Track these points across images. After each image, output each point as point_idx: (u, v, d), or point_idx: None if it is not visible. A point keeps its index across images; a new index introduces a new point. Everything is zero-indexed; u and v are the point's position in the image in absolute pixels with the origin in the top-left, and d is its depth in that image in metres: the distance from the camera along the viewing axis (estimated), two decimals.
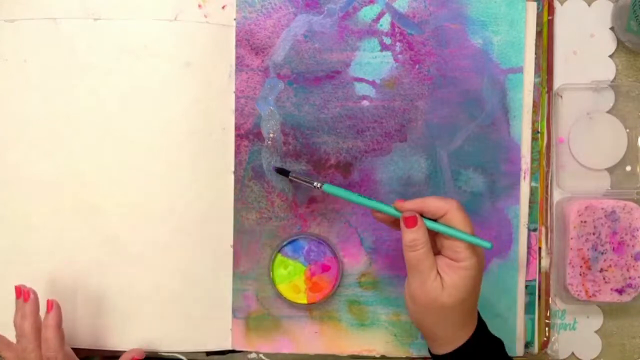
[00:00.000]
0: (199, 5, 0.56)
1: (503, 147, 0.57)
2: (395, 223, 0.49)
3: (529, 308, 0.58)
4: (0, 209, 0.58)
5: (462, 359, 0.47)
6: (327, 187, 0.52)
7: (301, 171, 0.58)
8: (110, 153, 0.57)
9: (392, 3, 0.57)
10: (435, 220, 0.47)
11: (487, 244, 0.46)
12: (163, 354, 0.58)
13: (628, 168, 0.58)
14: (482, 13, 0.57)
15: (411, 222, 0.46)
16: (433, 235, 0.47)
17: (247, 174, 0.58)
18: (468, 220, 0.47)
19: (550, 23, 0.58)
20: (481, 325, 0.48)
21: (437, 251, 0.47)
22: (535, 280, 0.58)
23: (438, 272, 0.46)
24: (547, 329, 0.58)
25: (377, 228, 0.58)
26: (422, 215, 0.47)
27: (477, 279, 0.46)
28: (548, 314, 0.58)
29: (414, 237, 0.46)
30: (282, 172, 0.56)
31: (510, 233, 0.58)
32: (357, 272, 0.58)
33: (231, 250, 0.58)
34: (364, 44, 0.57)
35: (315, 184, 0.53)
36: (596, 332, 0.59)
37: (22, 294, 0.52)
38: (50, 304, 0.52)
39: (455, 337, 0.47)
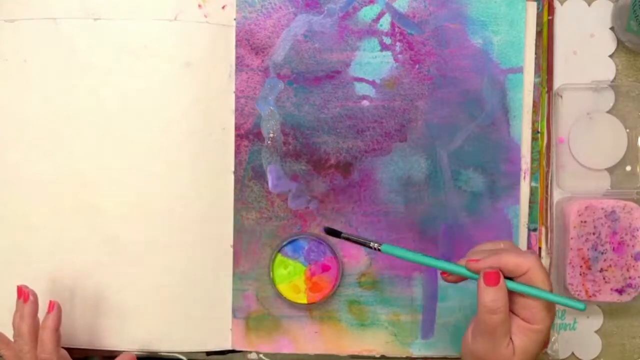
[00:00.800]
0: (199, 5, 0.56)
1: (503, 147, 0.57)
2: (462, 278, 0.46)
3: None
4: (0, 209, 0.58)
5: None
6: (386, 248, 0.47)
7: (301, 171, 0.58)
8: (110, 153, 0.57)
9: (392, 3, 0.57)
10: (511, 279, 0.44)
11: (580, 306, 0.43)
12: (163, 354, 0.58)
13: (628, 168, 0.58)
14: (482, 13, 0.57)
15: (493, 279, 0.43)
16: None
17: (247, 174, 0.58)
18: (549, 279, 0.43)
19: (550, 23, 0.58)
20: None
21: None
22: None
23: (510, 337, 0.43)
24: None
25: (377, 228, 0.58)
26: None
27: (545, 343, 0.44)
28: None
29: (495, 298, 0.42)
30: (334, 233, 0.51)
31: (510, 233, 0.58)
32: (357, 272, 0.58)
33: (231, 250, 0.58)
34: (364, 44, 0.57)
35: (372, 244, 0.48)
36: (596, 332, 0.59)
37: (23, 294, 0.52)
38: (52, 306, 0.52)
39: None
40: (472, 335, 0.45)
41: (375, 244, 0.48)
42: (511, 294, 0.43)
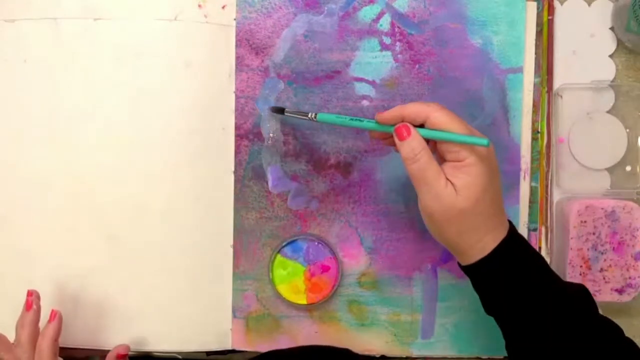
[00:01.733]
0: (199, 5, 0.56)
1: (503, 147, 0.57)
2: (392, 141, 0.47)
3: None
4: (0, 209, 0.58)
5: (490, 268, 0.45)
6: (321, 116, 0.52)
7: (301, 171, 0.58)
8: (110, 153, 0.57)
9: (392, 3, 0.57)
10: (420, 127, 0.45)
11: (483, 141, 0.44)
12: (163, 354, 0.58)
13: (628, 168, 0.58)
14: (482, 13, 0.57)
15: (403, 132, 0.45)
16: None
17: (247, 174, 0.58)
18: (456, 118, 0.45)
19: (550, 23, 0.58)
20: (513, 233, 0.46)
21: (438, 161, 0.45)
22: None
23: (447, 179, 0.44)
24: None
25: (377, 228, 0.58)
26: None
27: (487, 175, 0.44)
28: None
29: (411, 147, 0.44)
30: (278, 110, 0.56)
31: None
32: (356, 272, 0.58)
33: (231, 250, 0.58)
34: (364, 43, 0.57)
35: (309, 114, 0.53)
36: None
37: (26, 302, 0.52)
38: (53, 315, 0.52)
39: (481, 245, 0.45)
40: (418, 199, 0.46)
41: (313, 114, 0.52)
42: (433, 142, 0.46)
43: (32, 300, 0.52)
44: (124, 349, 0.55)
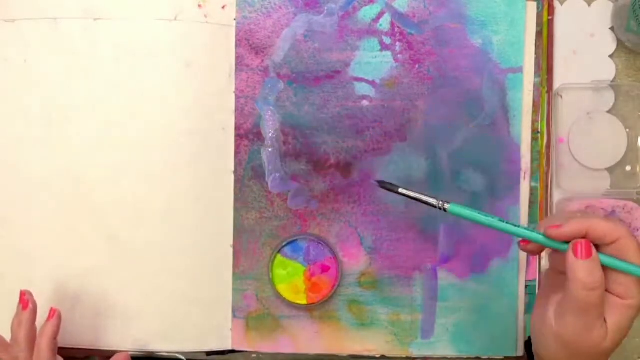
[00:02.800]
0: (199, 5, 0.56)
1: (503, 147, 0.57)
2: (540, 247, 0.41)
3: (529, 308, 0.58)
4: (0, 209, 0.58)
5: None
6: (454, 208, 0.42)
7: (301, 171, 0.58)
8: (110, 153, 0.57)
9: (391, 3, 0.57)
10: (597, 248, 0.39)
11: None
12: (163, 354, 0.58)
13: (628, 168, 0.58)
14: (482, 13, 0.57)
15: (586, 250, 0.38)
16: None
17: (247, 174, 0.58)
18: None
19: (550, 23, 0.58)
20: None
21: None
22: (535, 280, 0.58)
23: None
24: None
25: (377, 228, 0.58)
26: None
27: (635, 320, 0.39)
28: None
29: (591, 272, 0.37)
30: (389, 187, 0.46)
31: None
32: (357, 272, 0.58)
33: (231, 250, 0.58)
34: (364, 43, 0.57)
35: (437, 203, 0.42)
36: None
37: (23, 302, 0.52)
38: (53, 313, 0.52)
39: None
40: (558, 316, 0.40)
41: (440, 203, 0.43)
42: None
43: (28, 298, 0.52)
44: (125, 357, 0.55)
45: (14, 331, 0.52)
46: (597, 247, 0.39)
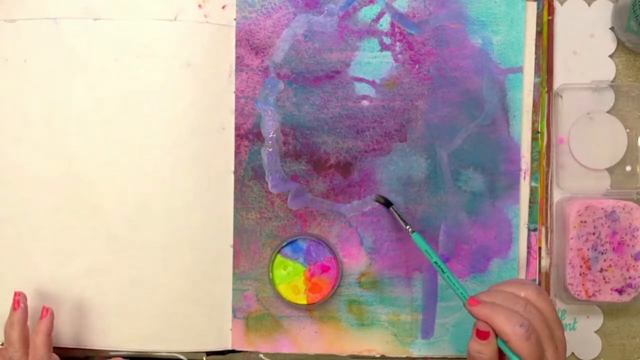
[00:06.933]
0: (199, 5, 0.56)
1: (503, 147, 0.57)
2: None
3: None
4: (0, 209, 0.58)
5: None
6: (416, 237, 0.53)
7: (301, 171, 0.58)
8: (110, 153, 0.57)
9: (392, 3, 0.57)
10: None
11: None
12: (163, 354, 0.58)
13: (628, 168, 0.58)
14: (482, 13, 0.57)
15: (482, 335, 0.45)
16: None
17: (247, 174, 0.58)
18: (527, 352, 0.44)
19: (550, 23, 0.58)
20: None
21: None
22: (535, 280, 0.58)
23: None
24: None
25: (377, 228, 0.58)
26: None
27: None
28: None
29: (479, 350, 0.45)
30: (385, 202, 0.57)
31: (510, 233, 0.58)
32: (357, 272, 0.58)
33: (231, 250, 0.58)
34: (364, 43, 0.57)
35: (407, 227, 0.54)
36: (596, 332, 0.59)
37: (13, 301, 0.53)
38: (45, 312, 0.53)
39: None
40: None
41: (410, 228, 0.54)
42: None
43: (20, 299, 0.53)
44: None
45: (7, 332, 0.52)
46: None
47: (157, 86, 0.56)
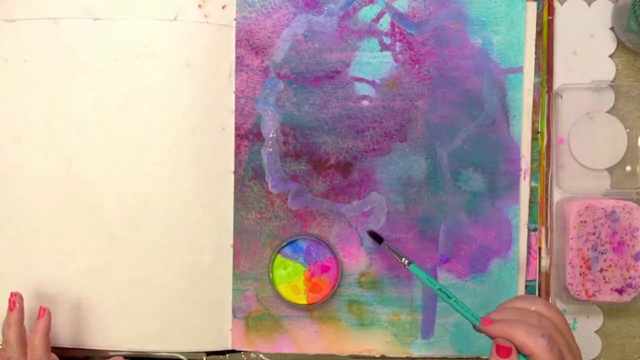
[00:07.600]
0: (199, 5, 0.56)
1: (503, 147, 0.57)
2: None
3: None
4: (0, 209, 0.58)
5: None
6: (413, 268, 0.51)
7: (301, 171, 0.58)
8: (110, 153, 0.57)
9: (392, 3, 0.57)
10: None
11: None
12: (163, 354, 0.58)
13: (628, 168, 0.58)
14: (482, 13, 0.57)
15: (504, 352, 0.43)
16: None
17: (247, 174, 0.58)
18: None
19: (550, 23, 0.58)
20: None
21: None
22: (535, 280, 0.58)
23: None
24: None
25: (377, 228, 0.58)
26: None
27: None
28: None
29: None
30: (376, 237, 0.56)
31: (510, 233, 0.58)
32: (357, 272, 0.58)
33: (231, 250, 0.58)
34: (364, 43, 0.57)
35: (403, 260, 0.52)
36: (596, 332, 0.59)
37: (9, 302, 0.53)
38: (42, 311, 0.53)
39: None
40: None
41: (406, 261, 0.52)
42: None
43: (15, 300, 0.53)
44: None
45: (4, 333, 0.53)
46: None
47: (157, 86, 0.56)
